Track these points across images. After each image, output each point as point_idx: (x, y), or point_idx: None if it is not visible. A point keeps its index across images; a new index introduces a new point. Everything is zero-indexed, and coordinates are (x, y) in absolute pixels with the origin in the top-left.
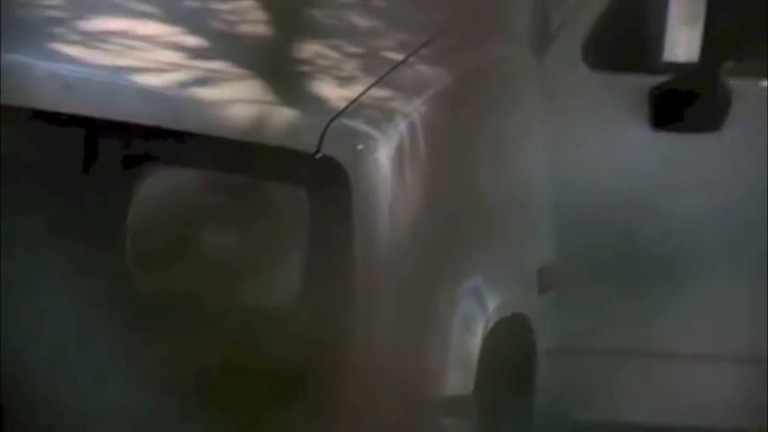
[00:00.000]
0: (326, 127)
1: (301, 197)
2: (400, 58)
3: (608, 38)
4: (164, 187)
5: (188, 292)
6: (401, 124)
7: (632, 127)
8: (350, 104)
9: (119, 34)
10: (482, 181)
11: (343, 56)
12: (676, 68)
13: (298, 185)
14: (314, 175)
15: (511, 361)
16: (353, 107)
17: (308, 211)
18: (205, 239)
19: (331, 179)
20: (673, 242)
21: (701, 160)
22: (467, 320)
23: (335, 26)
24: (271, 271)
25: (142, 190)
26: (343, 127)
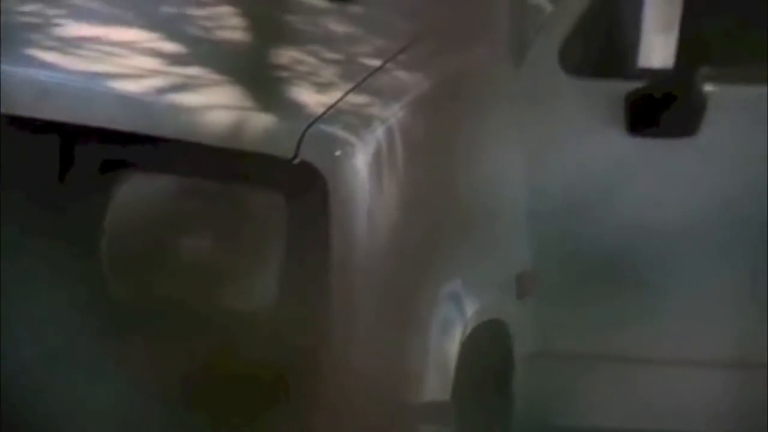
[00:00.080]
0: (304, 132)
1: (278, 203)
2: (377, 64)
3: (585, 44)
4: (142, 193)
5: (167, 297)
6: (379, 129)
7: (608, 132)
8: (328, 110)
9: (96, 40)
10: (460, 186)
11: (320, 62)
12: (651, 74)
13: (275, 191)
14: (292, 180)
15: (489, 366)
16: (331, 113)
17: (286, 216)
18: (183, 245)
19: (308, 185)
20: (650, 247)
21: (677, 165)
22: (445, 325)
23: (313, 32)
24: (249, 276)
25: (119, 196)
26: (320, 132)
